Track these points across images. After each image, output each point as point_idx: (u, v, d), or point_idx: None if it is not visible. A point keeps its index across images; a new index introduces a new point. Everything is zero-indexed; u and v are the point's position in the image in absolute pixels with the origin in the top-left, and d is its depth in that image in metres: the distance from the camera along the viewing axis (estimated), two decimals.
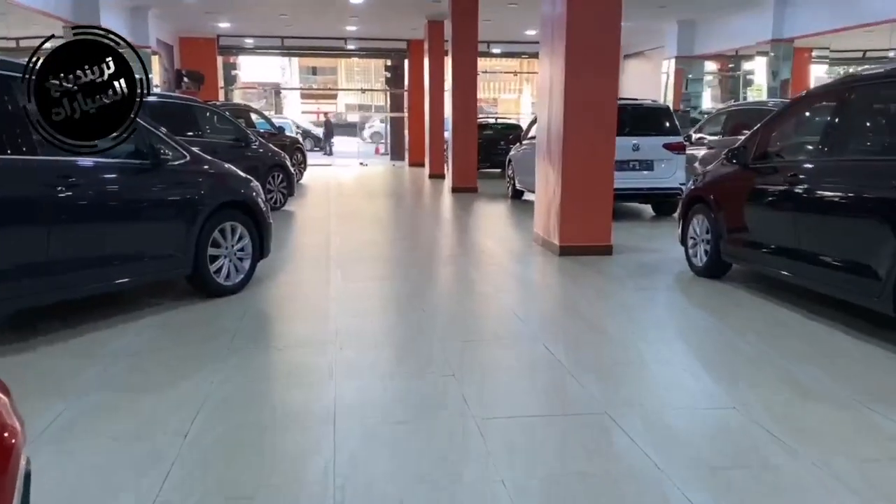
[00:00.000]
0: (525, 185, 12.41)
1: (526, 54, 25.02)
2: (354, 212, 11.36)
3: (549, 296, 5.87)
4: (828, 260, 4.79)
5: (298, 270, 6.73)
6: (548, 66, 7.75)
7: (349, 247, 7.87)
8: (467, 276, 6.63)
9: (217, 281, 5.50)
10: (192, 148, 5.69)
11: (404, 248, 7.99)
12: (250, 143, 10.69)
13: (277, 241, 7.94)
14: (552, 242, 7.51)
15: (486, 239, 8.80)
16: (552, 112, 7.56)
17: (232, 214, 5.62)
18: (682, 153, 10.26)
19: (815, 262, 4.89)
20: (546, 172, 7.80)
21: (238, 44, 22.40)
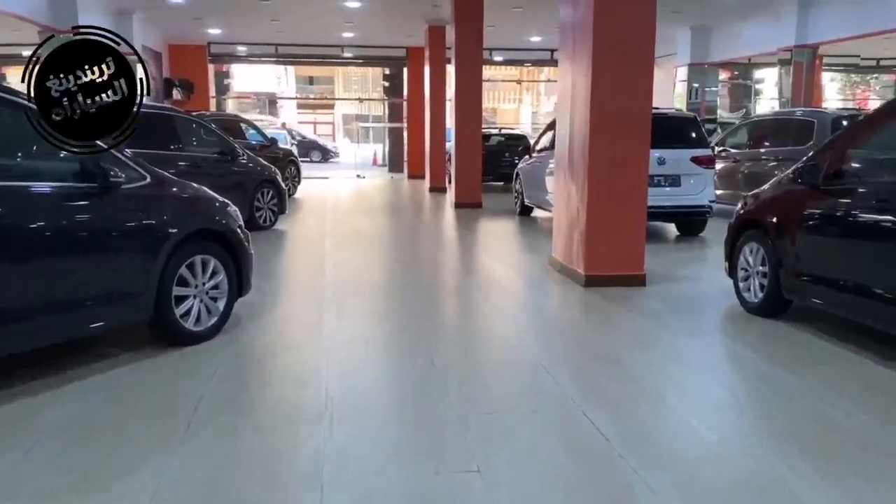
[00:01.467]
0: (534, 201, 11.51)
1: (528, 62, 24.21)
2: (351, 231, 10.43)
3: (581, 341, 4.93)
4: None
5: (285, 307, 5.78)
6: (569, 72, 6.86)
7: (345, 275, 6.93)
8: (480, 313, 5.69)
9: (184, 326, 4.57)
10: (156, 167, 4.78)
11: (407, 275, 7.05)
12: (237, 156, 9.78)
13: (264, 268, 7.03)
14: (575, 271, 6.58)
15: (497, 264, 7.87)
16: (575, 123, 6.65)
17: (203, 246, 4.70)
18: (711, 167, 9.37)
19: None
20: (567, 190, 6.89)
21: (230, 51, 21.53)
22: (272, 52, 21.37)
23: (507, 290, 6.49)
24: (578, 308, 5.73)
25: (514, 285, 6.69)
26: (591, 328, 5.20)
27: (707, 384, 4.15)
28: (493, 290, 6.45)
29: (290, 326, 5.20)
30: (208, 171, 9.27)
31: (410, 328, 5.02)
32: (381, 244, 9.22)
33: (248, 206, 9.78)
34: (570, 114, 6.80)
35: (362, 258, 8.02)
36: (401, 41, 20.01)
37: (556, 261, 7.19)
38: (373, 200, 15.43)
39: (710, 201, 9.31)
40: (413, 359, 4.39)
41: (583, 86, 6.46)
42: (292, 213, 11.68)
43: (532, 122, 38.50)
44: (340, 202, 14.97)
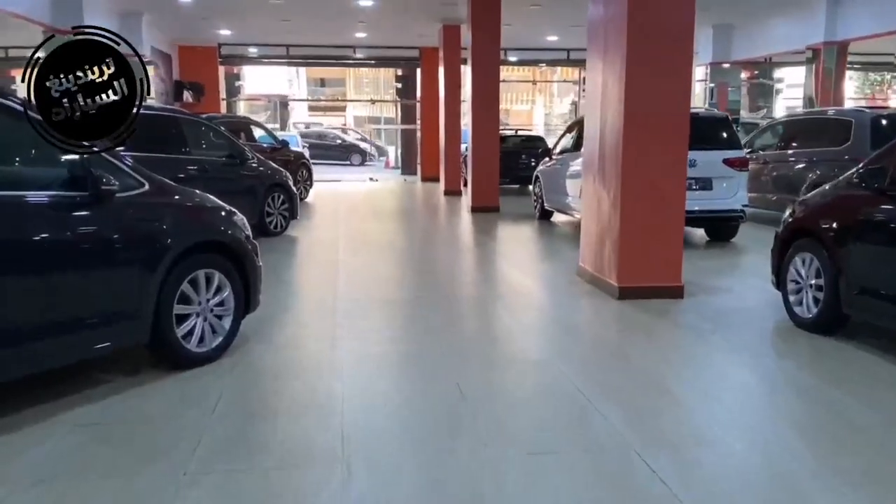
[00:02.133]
0: (555, 204, 11.06)
1: (543, 62, 23.74)
2: (365, 238, 10.01)
3: (624, 365, 4.44)
4: None
5: (296, 323, 5.36)
6: (599, 70, 6.41)
7: (359, 286, 6.51)
8: (508, 331, 5.24)
9: (186, 348, 4.16)
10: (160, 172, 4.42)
11: (424, 287, 6.61)
12: (246, 159, 9.38)
13: (274, 278, 6.64)
14: (607, 282, 6.13)
15: (520, 274, 7.41)
16: (606, 123, 6.20)
17: (208, 259, 4.29)
18: (744, 170, 8.88)
19: None
20: (597, 195, 6.44)
21: (241, 52, 21.20)
22: (283, 53, 21.02)
23: (534, 304, 6.04)
24: (615, 325, 5.27)
25: (542, 298, 6.24)
26: (634, 349, 4.72)
27: (769, 414, 3.69)
28: (519, 305, 6.00)
29: (301, 346, 4.77)
30: (216, 175, 8.89)
31: (432, 349, 4.57)
32: (396, 252, 8.79)
33: (258, 212, 9.39)
34: (600, 114, 6.35)
35: (377, 268, 7.60)
36: (414, 41, 19.60)
37: (584, 270, 6.74)
38: (386, 205, 15.02)
39: (743, 206, 8.83)
40: (437, 386, 3.95)
41: (615, 84, 6.01)
42: (304, 219, 11.29)
43: (545, 123, 38.08)
44: (353, 206, 14.57)
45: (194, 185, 8.70)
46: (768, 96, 23.99)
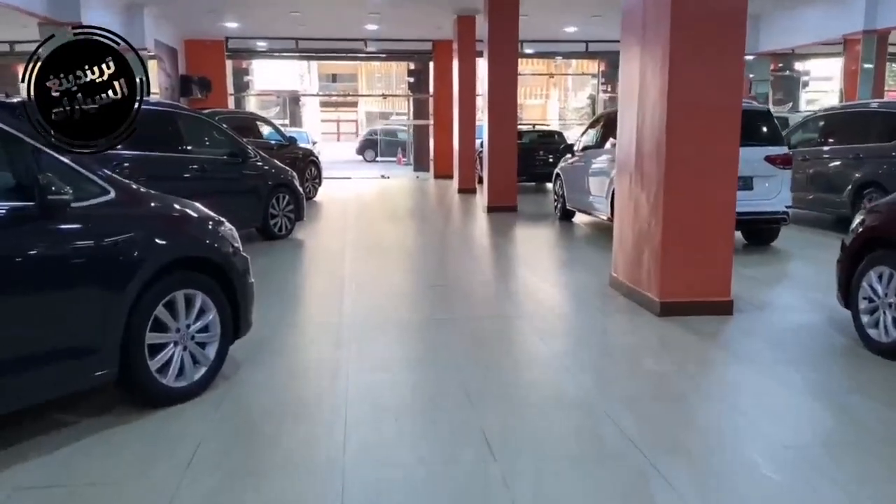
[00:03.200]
0: (578, 204, 10.37)
1: (560, 55, 22.94)
2: (375, 242, 9.36)
3: (681, 409, 3.68)
4: None
5: (295, 347, 4.70)
6: (636, 59, 5.72)
7: (367, 303, 5.84)
8: (539, 360, 4.52)
9: (161, 383, 3.53)
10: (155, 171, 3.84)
11: (441, 304, 5.92)
12: (249, 158, 8.74)
13: (274, 290, 6.02)
14: (646, 296, 5.45)
15: (546, 285, 6.72)
16: (645, 119, 5.52)
17: (187, 278, 3.65)
18: (788, 168, 8.15)
19: None
20: (634, 198, 5.76)
21: (249, 46, 20.57)
22: (292, 46, 20.37)
23: (565, 324, 5.35)
24: (662, 351, 4.56)
25: (573, 316, 5.54)
26: (688, 385, 4.00)
27: (858, 470, 3.00)
28: (549, 325, 5.31)
29: (300, 377, 4.12)
30: (216, 175, 8.28)
31: (452, 386, 3.88)
32: (408, 260, 8.12)
33: (261, 213, 8.78)
34: (637, 108, 5.66)
35: (388, 279, 6.94)
36: (427, 34, 18.93)
37: (618, 281, 6.05)
38: (398, 204, 14.36)
39: (787, 207, 8.11)
40: (461, 439, 3.28)
41: (656, 75, 5.32)
42: (311, 220, 10.66)
43: (559, 118, 37.23)
44: (363, 206, 13.93)
45: (192, 185, 8.20)
46: (794, 89, 23.08)
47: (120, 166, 6.90)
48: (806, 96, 23.85)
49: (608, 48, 21.21)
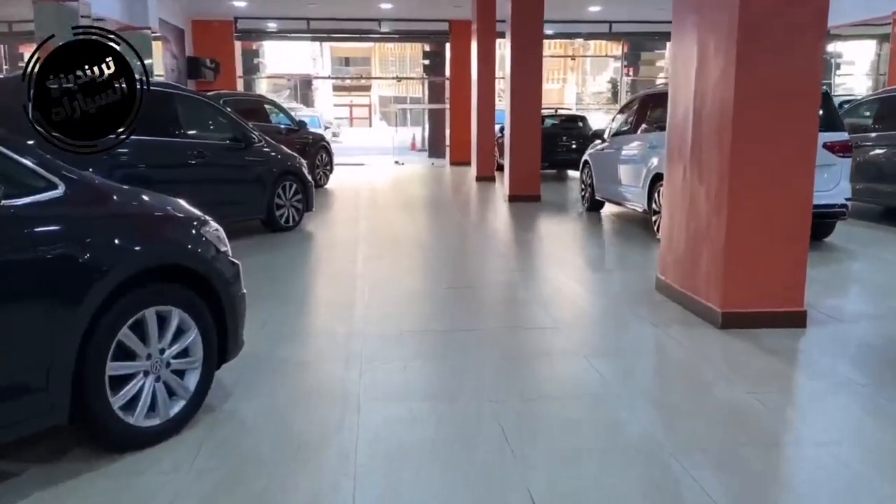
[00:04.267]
0: (607, 194, 9.61)
1: (581, 36, 22.00)
2: (389, 236, 8.64)
3: (771, 455, 3.00)
4: None
5: (295, 373, 3.93)
6: (692, 36, 4.94)
7: (382, 310, 5.12)
8: (586, 386, 3.71)
9: (126, 423, 2.84)
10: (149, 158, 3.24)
11: (466, 310, 5.17)
12: (252, 143, 8.02)
13: (276, 291, 5.37)
14: (704, 305, 4.70)
15: (583, 289, 5.96)
16: (704, 103, 4.74)
17: (161, 292, 2.95)
18: (847, 156, 7.34)
19: None
20: (689, 192, 5.00)
21: (258, 27, 19.81)
22: (303, 27, 19.59)
23: (612, 339, 4.58)
24: (731, 375, 3.81)
25: (620, 328, 4.78)
26: (775, 421, 3.29)
27: None
28: (592, 339, 4.56)
29: (301, 408, 3.40)
30: (216, 162, 7.59)
31: (485, 424, 3.13)
32: (425, 256, 7.38)
33: (265, 203, 8.09)
34: (694, 90, 4.88)
35: (403, 279, 6.22)
36: (443, 13, 18.12)
37: (667, 285, 5.31)
38: (413, 192, 13.61)
39: (847, 199, 7.30)
40: (500, 499, 2.58)
41: (720, 51, 4.54)
42: (321, 209, 9.95)
43: (577, 102, 36.22)
44: (376, 194, 13.20)
45: (190, 173, 7.43)
46: (827, 73, 22.06)
47: (107, 153, 6.22)
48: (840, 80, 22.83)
49: (633, 29, 20.38)
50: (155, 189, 6.70)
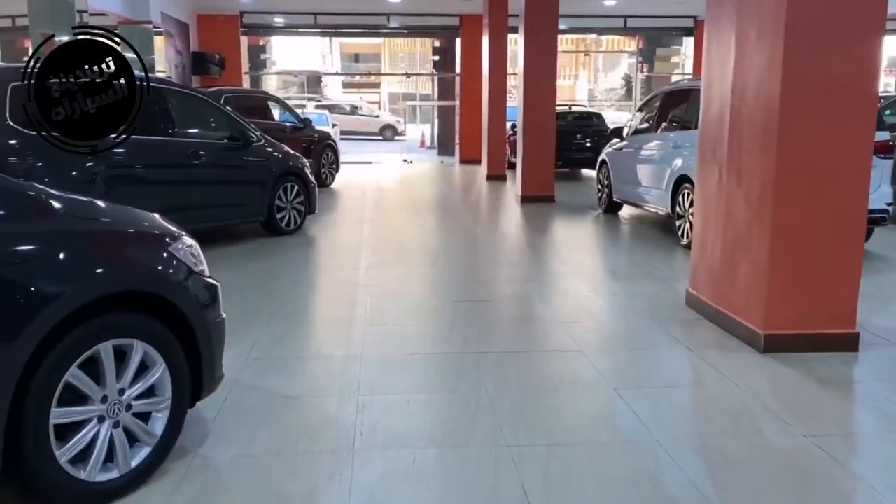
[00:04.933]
0: (626, 195, 9.12)
1: (594, 30, 21.43)
2: (396, 239, 8.17)
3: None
4: None
5: (283, 406, 3.44)
6: (730, 22, 4.45)
7: (385, 324, 4.68)
8: (620, 424, 3.18)
9: (76, 479, 2.39)
10: None
11: (475, 325, 4.67)
12: (251, 142, 7.57)
13: (270, 305, 4.90)
14: (744, 325, 4.21)
15: (606, 303, 5.46)
16: (745, 98, 4.25)
17: (119, 323, 2.50)
18: (889, 157, 6.82)
19: None
20: (725, 196, 4.51)
21: (265, 21, 19.37)
22: (311, 22, 19.13)
23: (644, 367, 4.06)
24: (787, 412, 3.28)
25: (651, 353, 4.27)
26: (842, 477, 2.80)
27: None
28: (622, 368, 4.05)
29: (287, 457, 2.91)
30: (213, 162, 7.14)
31: (505, 486, 2.65)
32: (434, 264, 6.89)
33: (265, 205, 7.63)
34: (731, 82, 4.39)
35: (410, 291, 5.75)
36: (454, 7, 17.61)
37: (699, 301, 4.82)
38: (422, 193, 13.14)
39: (888, 204, 6.79)
40: None
41: (765, 40, 4.04)
42: (325, 211, 9.50)
43: (589, 99, 35.57)
44: (384, 195, 12.74)
45: (183, 174, 6.91)
46: None
47: (99, 154, 5.80)
48: None
49: (649, 24, 19.80)
50: (146, 192, 6.30)
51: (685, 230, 7.25)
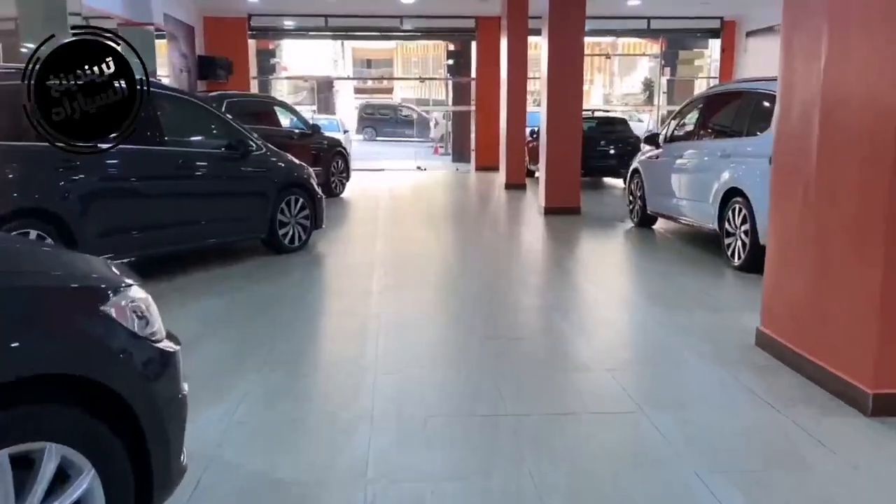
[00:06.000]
0: (662, 208, 8.32)
1: (615, 32, 20.58)
2: (411, 259, 7.39)
3: None
4: None
5: (279, 486, 2.75)
6: (817, 26, 3.66)
7: (399, 370, 3.91)
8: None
9: None
10: None
11: (507, 375, 3.91)
12: (251, 150, 6.82)
13: (261, 350, 4.11)
14: (841, 379, 3.41)
15: (655, 337, 4.69)
16: (843, 99, 3.46)
17: (25, 421, 1.74)
18: None
19: None
20: (810, 218, 3.72)
21: (274, 24, 18.72)
22: (322, 24, 18.46)
23: (722, 434, 3.20)
24: None
25: (726, 411, 3.41)
26: None
27: None
28: (693, 433, 3.18)
29: None
30: (207, 173, 6.44)
31: None
32: (454, 288, 6.09)
33: (266, 221, 6.89)
34: (818, 85, 3.60)
35: (428, 322, 4.98)
36: (470, 8, 16.88)
37: (775, 343, 4.02)
38: (437, 203, 12.38)
39: None
40: None
41: (868, 36, 3.25)
42: (334, 224, 8.76)
43: (605, 104, 34.72)
44: (397, 205, 11.99)
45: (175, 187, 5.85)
46: None
47: (71, 165, 5.10)
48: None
49: (673, 25, 18.97)
50: (129, 209, 5.54)
51: (736, 249, 6.44)
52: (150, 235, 5.83)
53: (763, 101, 6.46)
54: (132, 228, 5.69)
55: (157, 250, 6.02)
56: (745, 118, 6.78)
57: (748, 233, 6.25)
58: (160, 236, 5.92)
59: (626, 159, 14.31)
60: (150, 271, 6.27)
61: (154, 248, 5.94)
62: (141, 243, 5.77)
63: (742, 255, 6.37)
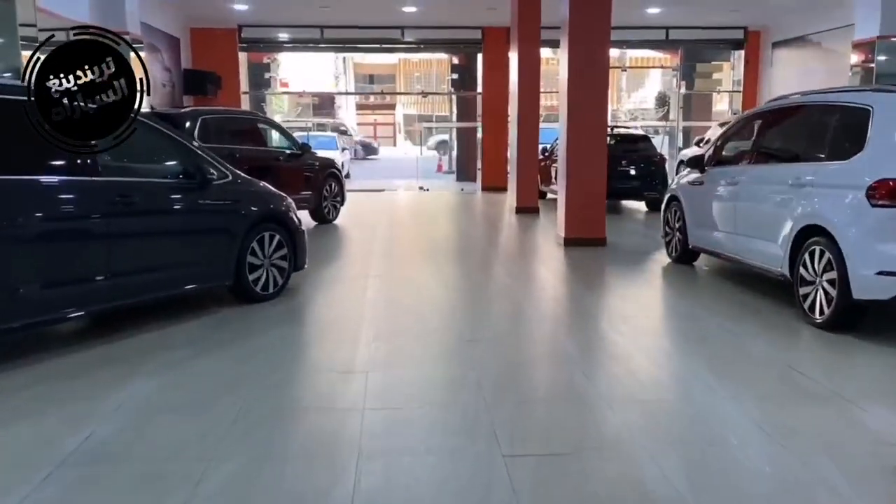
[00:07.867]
0: (708, 244, 7.02)
1: (630, 43, 19.32)
2: (409, 309, 6.03)
3: None
4: None
5: None
6: None
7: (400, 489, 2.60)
8: None
9: None
10: None
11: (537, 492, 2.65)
12: (210, 179, 5.46)
13: (196, 474, 2.75)
14: None
15: (752, 452, 3.36)
16: None
17: None
18: None
19: None
20: None
21: (266, 36, 17.54)
22: (317, 36, 17.28)
23: None
24: None
25: None
26: None
27: None
28: None
29: None
30: (154, 208, 5.14)
31: None
32: (466, 357, 4.66)
33: (232, 264, 5.57)
34: None
35: (433, 423, 3.63)
36: (475, 19, 15.74)
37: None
38: (442, 232, 11.07)
39: None
40: None
41: None
42: (321, 260, 7.47)
43: (612, 119, 33.51)
44: (396, 233, 10.69)
45: (111, 226, 4.43)
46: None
47: None
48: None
49: (692, 35, 17.73)
50: (43, 257, 4.18)
51: (817, 302, 5.12)
52: (70, 292, 4.48)
53: (850, 116, 5.17)
54: (48, 283, 4.37)
55: (81, 310, 4.69)
56: (825, 138, 5.49)
57: (834, 282, 4.94)
58: (85, 292, 4.56)
59: (650, 180, 13.03)
60: (81, 328, 4.97)
61: (76, 307, 4.59)
62: (57, 303, 4.44)
63: (826, 309, 5.05)
